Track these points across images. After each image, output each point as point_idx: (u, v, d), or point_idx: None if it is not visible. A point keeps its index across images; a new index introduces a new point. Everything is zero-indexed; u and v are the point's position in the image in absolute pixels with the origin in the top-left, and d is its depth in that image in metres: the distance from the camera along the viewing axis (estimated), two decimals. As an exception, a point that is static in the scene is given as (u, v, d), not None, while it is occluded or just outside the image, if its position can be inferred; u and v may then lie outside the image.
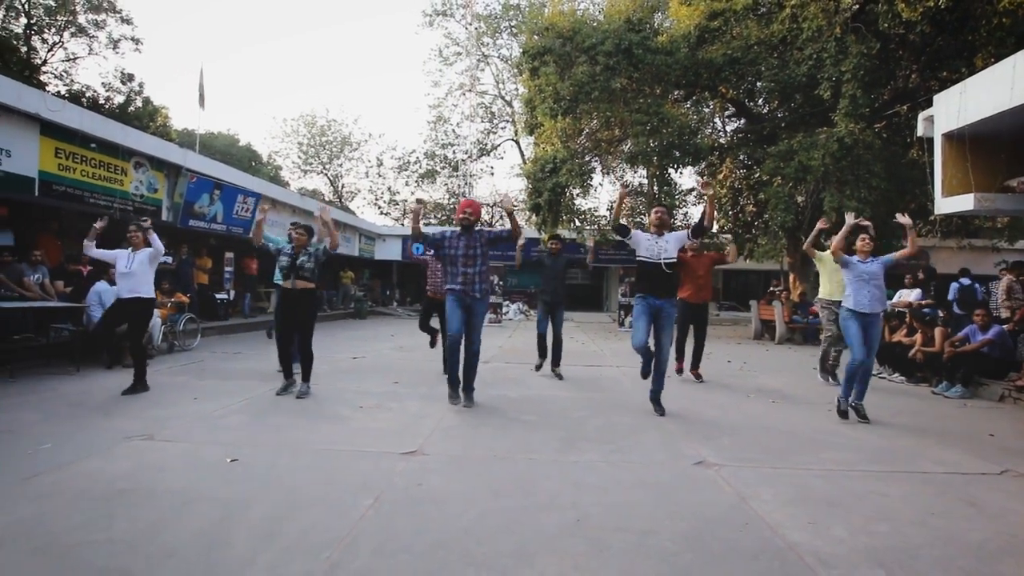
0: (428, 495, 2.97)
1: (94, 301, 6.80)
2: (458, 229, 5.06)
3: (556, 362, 6.90)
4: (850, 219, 5.26)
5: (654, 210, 5.11)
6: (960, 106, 6.79)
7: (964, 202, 6.93)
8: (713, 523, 2.70)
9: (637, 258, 4.97)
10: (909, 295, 8.86)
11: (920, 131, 7.84)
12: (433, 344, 7.35)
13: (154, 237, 5.59)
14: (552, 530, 2.59)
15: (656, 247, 4.86)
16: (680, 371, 6.94)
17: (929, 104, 7.70)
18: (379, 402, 5.20)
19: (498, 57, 27.53)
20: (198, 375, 6.39)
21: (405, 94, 64.15)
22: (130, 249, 5.58)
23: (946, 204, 7.23)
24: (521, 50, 16.25)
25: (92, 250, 5.55)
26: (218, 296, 12.17)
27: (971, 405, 5.94)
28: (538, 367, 7.12)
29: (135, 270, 5.47)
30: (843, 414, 4.95)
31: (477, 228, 5.08)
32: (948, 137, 7.11)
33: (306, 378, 5.44)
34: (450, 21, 27.83)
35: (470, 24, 27.29)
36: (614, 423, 4.63)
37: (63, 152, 7.92)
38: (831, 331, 6.65)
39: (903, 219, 5.10)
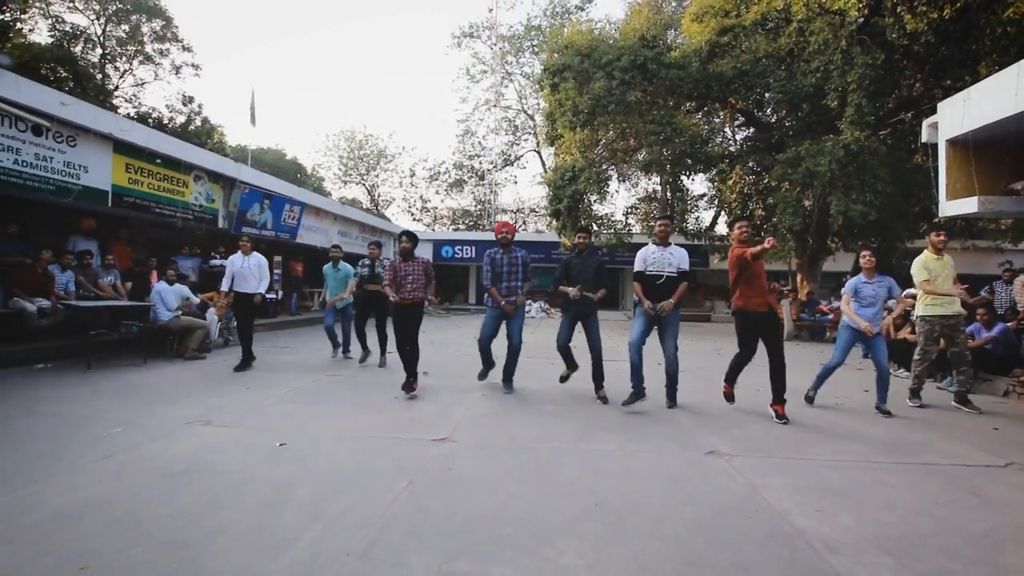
0: (457, 479, 2.98)
1: (156, 300, 7.00)
2: (499, 248, 5.36)
3: (599, 382, 5.18)
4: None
5: (659, 222, 4.96)
6: (964, 112, 6.53)
7: (968, 205, 6.67)
8: (724, 510, 2.65)
9: (636, 271, 4.89)
10: (911, 294, 8.56)
11: (924, 137, 7.56)
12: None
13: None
14: (572, 514, 2.57)
15: (663, 259, 4.81)
16: (729, 396, 5.03)
17: (933, 111, 7.43)
18: (412, 392, 5.24)
19: (521, 74, 27.62)
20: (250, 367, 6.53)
21: (437, 102, 64.56)
22: (240, 253, 6.50)
23: (950, 207, 6.96)
24: (542, 67, 16.22)
25: (223, 265, 7.04)
26: (268, 296, 12.43)
27: (976, 400, 5.71)
28: (563, 378, 5.54)
29: (248, 272, 6.38)
30: (809, 400, 5.32)
31: (516, 250, 5.41)
32: (952, 143, 6.84)
33: (383, 352, 6.98)
34: (476, 42, 28.03)
35: (495, 44, 27.43)
36: (629, 414, 4.58)
37: (133, 167, 8.20)
38: (928, 350, 5.48)
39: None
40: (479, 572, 2.04)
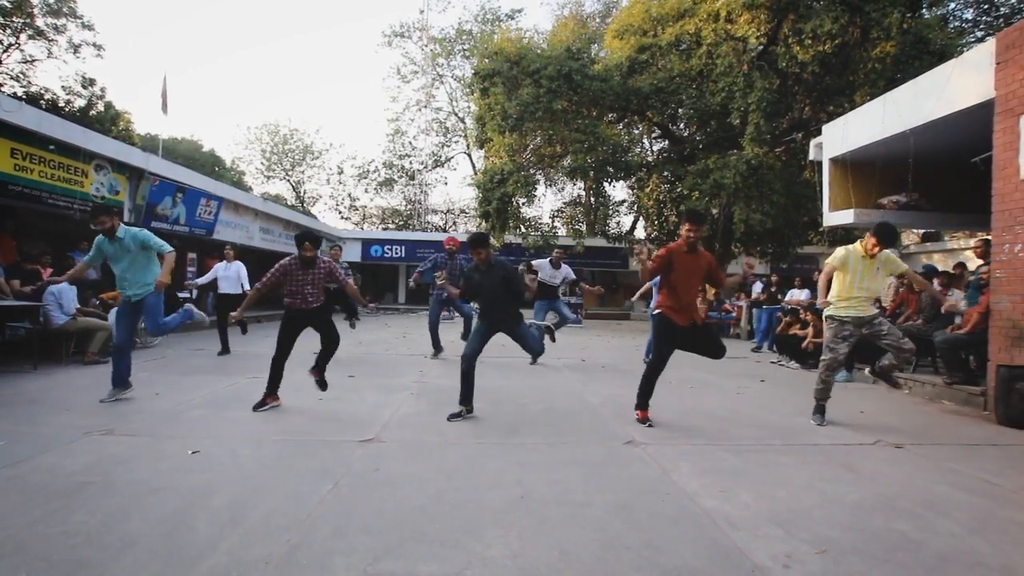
0: (385, 479, 2.91)
1: (51, 300, 6.26)
2: (445, 255, 7.13)
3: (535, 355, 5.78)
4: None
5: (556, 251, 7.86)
6: (843, 135, 7.28)
7: (846, 216, 7.45)
8: (639, 494, 2.78)
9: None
10: (799, 295, 9.39)
11: (812, 155, 8.36)
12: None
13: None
14: (498, 506, 2.59)
15: (556, 275, 7.57)
16: (644, 420, 4.21)
17: (819, 133, 8.22)
18: (338, 394, 5.06)
19: (452, 77, 27.40)
20: (160, 371, 6.01)
21: (365, 105, 62.46)
22: (224, 262, 7.49)
23: (832, 217, 7.74)
24: (473, 71, 16.21)
25: (196, 281, 8.11)
26: (180, 295, 11.46)
27: (851, 387, 6.37)
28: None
29: (231, 275, 7.41)
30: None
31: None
32: (834, 161, 7.61)
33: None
34: (407, 42, 27.48)
35: (426, 46, 27.01)
36: (553, 409, 4.68)
37: (20, 153, 7.27)
38: (836, 349, 4.36)
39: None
40: (406, 571, 2.01)
